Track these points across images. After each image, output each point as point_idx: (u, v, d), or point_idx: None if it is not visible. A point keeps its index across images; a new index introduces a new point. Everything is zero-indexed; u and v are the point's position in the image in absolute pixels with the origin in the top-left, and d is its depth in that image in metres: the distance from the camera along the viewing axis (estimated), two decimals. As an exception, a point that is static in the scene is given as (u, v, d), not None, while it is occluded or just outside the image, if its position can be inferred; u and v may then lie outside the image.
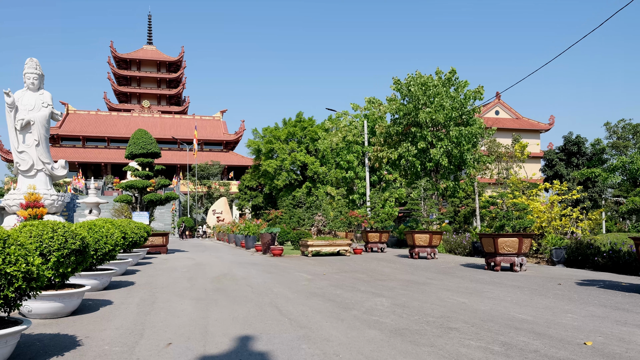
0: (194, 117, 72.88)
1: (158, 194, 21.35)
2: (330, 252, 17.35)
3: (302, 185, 43.48)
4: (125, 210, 39.01)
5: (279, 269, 12.58)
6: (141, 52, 79.61)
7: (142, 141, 21.70)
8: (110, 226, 9.21)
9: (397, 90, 25.48)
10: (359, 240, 27.25)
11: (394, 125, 25.98)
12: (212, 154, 67.01)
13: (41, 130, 15.57)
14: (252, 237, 23.18)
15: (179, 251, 21.67)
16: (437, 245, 16.36)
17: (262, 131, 47.38)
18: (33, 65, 15.92)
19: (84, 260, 6.53)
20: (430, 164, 24.58)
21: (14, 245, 4.30)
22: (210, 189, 57.01)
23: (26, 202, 11.77)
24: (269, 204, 47.59)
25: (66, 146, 64.30)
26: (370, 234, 20.09)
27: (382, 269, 12.74)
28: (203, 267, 13.32)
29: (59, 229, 6.22)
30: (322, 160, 41.95)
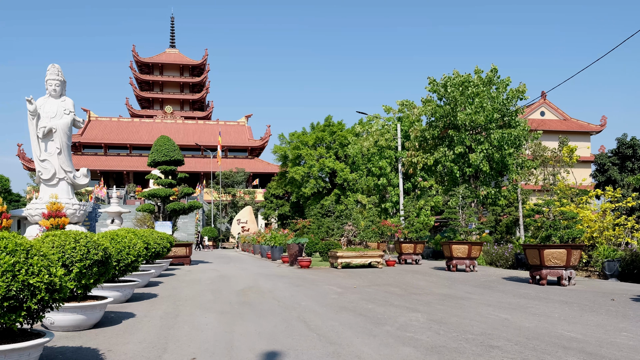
0: (217, 123, 73.91)
1: (181, 203, 21.72)
2: (361, 264, 17.32)
3: (331, 193, 43.48)
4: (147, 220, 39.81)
5: (307, 282, 12.61)
6: (164, 56, 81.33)
7: (165, 148, 22.14)
8: (133, 236, 9.43)
9: (433, 91, 25.29)
10: (391, 252, 27.10)
11: (430, 129, 25.77)
12: (236, 160, 67.77)
13: (63, 138, 16.06)
14: (279, 248, 23.27)
15: (202, 262, 21.96)
16: (476, 257, 16.13)
17: (289, 136, 47.67)
18: (55, 71, 16.47)
19: (106, 271, 6.71)
20: (469, 169, 24.28)
21: (36, 256, 4.45)
22: (235, 197, 57.60)
23: (48, 212, 12.15)
24: (296, 213, 47.75)
25: (88, 154, 66.07)
26: (404, 244, 19.98)
27: (417, 282, 12.64)
28: (228, 279, 13.46)
29: (81, 239, 6.41)
30: (352, 166, 41.87)
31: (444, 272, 15.88)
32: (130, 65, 78.53)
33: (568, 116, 49.07)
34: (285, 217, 49.52)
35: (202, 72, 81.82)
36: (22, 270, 4.22)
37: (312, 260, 18.76)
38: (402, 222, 24.36)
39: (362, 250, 17.39)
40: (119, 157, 66.23)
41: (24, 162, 60.29)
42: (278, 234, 24.91)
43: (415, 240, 20.54)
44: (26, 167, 60.30)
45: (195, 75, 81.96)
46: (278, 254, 23.07)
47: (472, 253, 15.89)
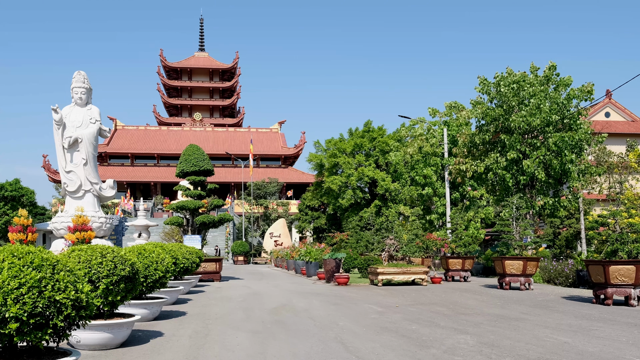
0: (249, 130, 74.86)
1: (211, 216, 22.07)
2: (404, 281, 17.24)
3: (371, 204, 43.36)
4: (175, 234, 40.54)
5: (345, 300, 12.60)
6: (192, 60, 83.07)
7: (194, 158, 22.58)
8: (161, 251, 9.65)
9: (484, 91, 24.98)
10: (437, 268, 26.79)
11: (480, 133, 25.44)
12: (269, 170, 68.39)
13: (89, 148, 16.61)
14: (314, 263, 23.34)
15: (233, 279, 22.20)
16: (532, 274, 15.86)
17: (325, 143, 47.86)
18: (81, 78, 17.07)
19: (133, 287, 6.88)
20: (523, 177, 23.83)
21: (63, 271, 4.62)
22: (267, 209, 58.06)
23: (74, 225, 12.56)
24: (333, 226, 47.78)
25: (114, 164, 67.93)
26: (451, 260, 19.81)
27: (466, 301, 12.50)
28: (260, 297, 13.58)
29: (108, 254, 6.61)
30: (393, 175, 41.69)
31: (496, 290, 15.65)
32: (158, 70, 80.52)
33: (637, 117, 47.54)
34: (321, 231, 49.61)
35: (233, 77, 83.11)
36: (48, 286, 4.39)
37: (350, 277, 18.76)
38: (449, 235, 24.06)
39: (405, 266, 17.33)
40: (146, 168, 67.81)
41: (49, 174, 62.42)
42: (313, 249, 24.98)
43: (463, 255, 20.31)
44: (51, 178, 62.39)
45: (226, 80, 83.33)
46: (313, 270, 23.13)
47: (527, 269, 15.62)
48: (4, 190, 37.28)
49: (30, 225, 12.01)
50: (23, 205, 37.51)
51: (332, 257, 19.10)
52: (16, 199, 37.94)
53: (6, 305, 4.17)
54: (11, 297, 4.18)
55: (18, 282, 4.24)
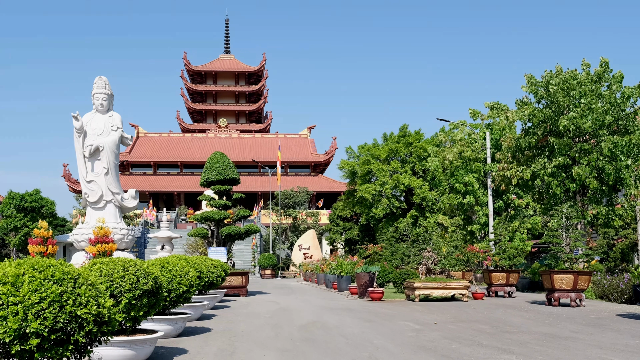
0: (277, 136, 75.37)
1: (237, 227, 22.28)
2: (443, 296, 17.16)
3: (407, 214, 43.12)
4: (200, 246, 41.04)
5: (379, 317, 12.57)
6: (217, 63, 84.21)
7: (219, 166, 22.86)
8: (185, 264, 9.79)
9: (531, 91, 24.63)
10: (479, 282, 26.47)
11: (526, 136, 25.09)
12: (298, 178, 68.68)
13: (110, 157, 16.97)
14: (346, 277, 23.32)
15: (260, 293, 22.33)
16: (584, 289, 15.59)
17: (358, 149, 47.84)
18: (102, 84, 17.47)
19: (156, 302, 7.00)
20: (573, 184, 23.40)
21: (84, 285, 4.74)
22: (296, 220, 58.26)
23: (95, 237, 12.84)
24: (366, 238, 47.64)
25: (136, 173, 69.18)
26: (495, 274, 19.67)
27: (511, 318, 12.36)
28: (289, 313, 13.63)
29: (130, 267, 6.74)
30: (431, 182, 41.41)
31: (544, 306, 15.45)
32: (181, 74, 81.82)
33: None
34: (354, 242, 49.51)
35: (260, 80, 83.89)
36: (69, 301, 4.51)
37: (384, 292, 18.74)
38: (491, 247, 23.77)
39: (444, 281, 17.25)
40: (169, 177, 68.86)
41: (69, 184, 63.91)
42: (345, 262, 24.96)
43: (508, 269, 20.10)
44: (72, 189, 63.85)
45: (252, 84, 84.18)
46: (345, 285, 23.11)
47: (578, 284, 15.37)
48: (24, 201, 38.36)
49: (51, 237, 12.32)
50: (43, 217, 38.51)
51: (365, 270, 19.07)
52: (36, 210, 38.99)
53: (27, 320, 4.29)
54: (32, 312, 4.30)
55: (39, 296, 4.37)
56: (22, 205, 38.39)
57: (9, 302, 4.29)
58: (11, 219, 38.31)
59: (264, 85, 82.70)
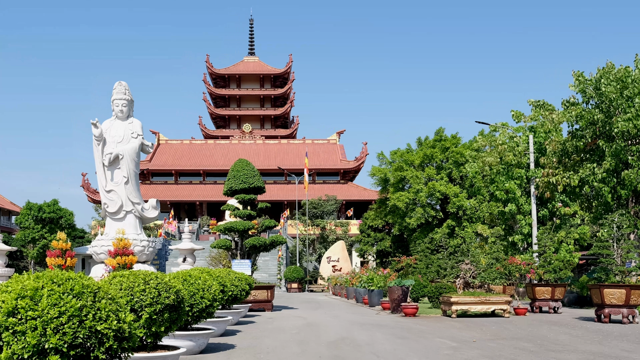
0: (304, 142, 75.66)
1: (262, 238, 22.44)
2: (482, 311, 17.08)
3: (443, 223, 42.82)
4: (223, 258, 41.31)
5: (413, 333, 12.53)
6: (241, 66, 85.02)
7: (243, 174, 23.07)
8: (207, 277, 9.92)
9: (579, 90, 24.29)
10: (521, 297, 26.18)
11: (573, 139, 24.76)
12: (326, 186, 68.78)
13: (130, 165, 17.29)
14: (378, 291, 23.30)
15: (286, 308, 22.42)
16: (637, 305, 15.39)
17: (390, 155, 47.73)
18: (122, 89, 17.84)
19: (178, 317, 7.12)
20: (624, 191, 23.01)
21: (104, 299, 4.87)
22: (324, 230, 58.31)
23: (114, 250, 13.09)
24: (399, 249, 47.43)
25: (157, 182, 70.12)
26: (539, 288, 19.58)
27: (556, 335, 12.25)
28: (316, 329, 13.68)
29: (151, 280, 6.88)
30: (469, 190, 41.11)
31: (593, 323, 15.26)
32: (204, 78, 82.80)
33: None
34: (386, 254, 49.32)
35: (286, 82, 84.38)
36: (89, 316, 4.64)
37: (419, 307, 18.69)
38: (535, 259, 23.52)
39: (483, 295, 17.20)
40: (191, 186, 69.62)
41: (88, 194, 65.08)
42: (377, 275, 24.93)
43: (553, 282, 19.93)
44: (91, 199, 65.02)
45: (278, 87, 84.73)
46: (377, 299, 23.09)
47: (631, 299, 15.16)
48: (42, 212, 39.18)
49: (69, 249, 12.60)
50: (61, 228, 39.24)
51: (398, 284, 19.08)
52: (54, 221, 39.77)
53: (46, 335, 4.42)
54: (51, 327, 4.43)
55: (58, 310, 4.49)
56: (40, 216, 39.20)
57: (27, 316, 4.42)
58: (29, 231, 39.14)
59: (290, 89, 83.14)
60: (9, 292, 4.59)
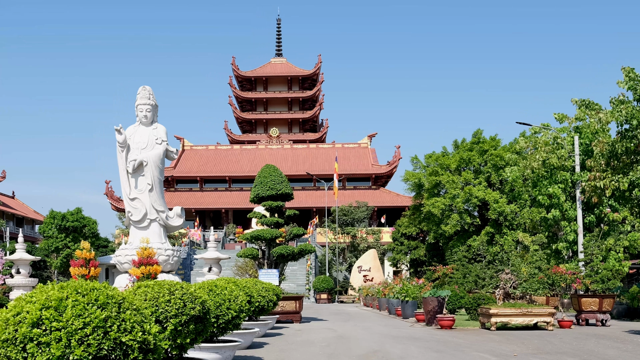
0: (333, 146, 75.79)
1: (290, 247, 22.55)
2: (523, 324, 16.95)
3: (481, 231, 42.47)
4: (250, 268, 41.64)
5: (450, 347, 12.48)
6: (268, 67, 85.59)
7: (270, 180, 23.23)
8: (234, 287, 10.04)
9: (629, 87, 23.91)
10: (566, 309, 25.85)
11: (623, 140, 24.35)
12: (357, 192, 68.75)
13: (155, 172, 17.55)
14: (412, 302, 23.25)
15: (315, 320, 22.47)
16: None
17: (425, 159, 47.53)
18: (146, 94, 18.13)
19: (204, 329, 7.23)
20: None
21: (129, 310, 4.98)
22: (355, 238, 58.26)
23: (138, 259, 13.30)
24: (434, 258, 47.15)
25: (181, 190, 70.92)
26: (585, 299, 19.37)
27: (604, 350, 12.09)
28: (347, 341, 13.70)
29: (177, 290, 7.00)
30: (509, 195, 40.74)
31: (643, 337, 15.00)
32: (230, 81, 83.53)
33: None
34: (420, 263, 49.07)
35: (315, 84, 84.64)
36: (114, 327, 4.76)
37: (455, 319, 18.59)
38: (581, 268, 23.25)
39: (525, 307, 17.08)
40: (217, 193, 70.23)
41: (112, 202, 66.15)
42: (410, 285, 24.86)
43: (600, 293, 19.67)
44: (115, 207, 66.05)
45: (306, 89, 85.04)
46: (411, 311, 23.03)
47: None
48: (66, 220, 39.94)
49: (93, 259, 12.85)
50: (85, 237, 39.95)
51: (433, 295, 19.02)
52: (78, 230, 40.50)
53: (70, 346, 4.54)
54: (75, 338, 4.55)
55: (82, 321, 4.62)
56: (64, 225, 39.96)
57: (52, 327, 4.55)
58: (53, 240, 39.93)
59: (319, 90, 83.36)
60: (33, 302, 4.73)
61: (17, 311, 4.68)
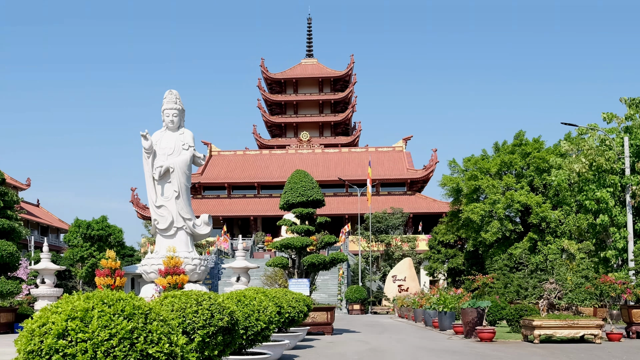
0: (366, 149, 75.75)
1: (321, 255, 22.60)
2: (569, 337, 16.82)
3: (523, 238, 42.02)
4: (279, 277, 41.74)
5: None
6: (298, 69, 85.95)
7: (301, 186, 23.33)
8: (263, 298, 10.12)
9: None
10: (615, 320, 25.46)
11: None
12: (391, 198, 68.60)
13: (181, 179, 17.76)
14: (449, 313, 23.14)
15: (347, 331, 22.47)
16: None
17: (463, 163, 47.24)
18: (172, 98, 18.37)
19: (232, 340, 7.32)
20: None
21: (156, 321, 5.07)
22: (390, 246, 58.07)
23: (165, 269, 13.47)
24: (473, 267, 46.76)
25: (209, 197, 71.53)
26: (636, 310, 19.13)
27: (654, 365, 11.86)
28: (380, 355, 13.69)
29: (204, 301, 7.09)
30: (554, 200, 40.28)
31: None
32: (258, 84, 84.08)
33: None
34: (458, 273, 48.72)
35: (347, 86, 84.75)
36: (140, 338, 4.84)
37: (496, 331, 18.48)
38: (631, 277, 22.91)
39: (571, 318, 16.96)
40: (245, 200, 70.68)
41: (138, 210, 67.06)
42: (448, 295, 24.73)
43: (653, 304, 19.34)
44: (140, 215, 66.95)
45: (338, 90, 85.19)
46: (448, 322, 22.92)
47: None
48: (91, 229, 40.59)
49: (119, 269, 13.07)
50: (110, 246, 40.54)
51: (472, 305, 18.94)
52: (103, 239, 41.13)
53: (96, 358, 4.64)
54: (101, 350, 4.65)
55: (108, 332, 4.72)
56: (89, 234, 40.60)
57: (78, 338, 4.66)
58: (77, 249, 40.59)
59: (351, 92, 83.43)
60: (58, 313, 4.84)
61: (42, 322, 4.79)
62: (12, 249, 25.36)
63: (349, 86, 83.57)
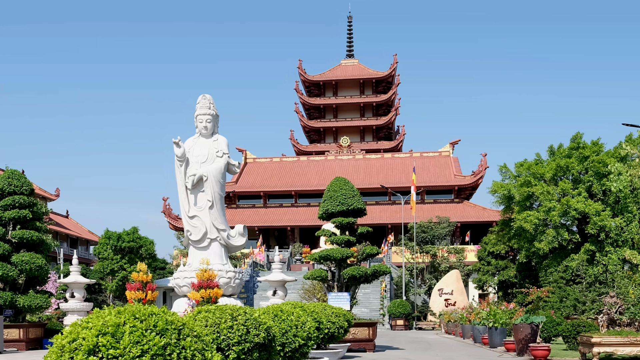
0: (411, 155, 75.38)
1: (362, 268, 22.57)
2: (632, 355, 16.55)
3: (580, 248, 41.36)
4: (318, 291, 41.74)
5: (544, 382, 12.22)
6: (338, 70, 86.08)
7: (341, 194, 23.36)
8: (301, 312, 10.16)
9: None
10: (682, 338, 24.96)
11: None
12: (437, 206, 68.14)
13: (215, 188, 17.97)
14: (500, 329, 22.93)
15: (390, 348, 22.37)
16: None
17: (515, 168, 46.73)
18: (206, 103, 18.61)
19: (268, 357, 7.38)
20: None
21: (189, 337, 5.16)
22: (435, 258, 57.67)
23: (198, 282, 13.64)
24: (526, 280, 46.13)
25: (244, 206, 71.99)
26: None
27: None
28: (428, 375, 13.60)
29: (239, 316, 7.17)
30: (614, 207, 39.53)
31: None
32: (296, 87, 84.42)
33: None
34: (510, 285, 48.14)
35: (390, 87, 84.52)
36: (173, 355, 4.93)
37: (551, 348, 18.25)
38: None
39: (633, 335, 16.63)
40: (282, 209, 70.94)
41: (170, 220, 67.86)
42: (499, 310, 24.50)
43: None
44: (173, 226, 67.73)
45: (380, 92, 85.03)
46: (499, 339, 22.72)
47: None
48: (121, 240, 41.18)
49: (150, 282, 13.27)
50: (142, 258, 41.04)
51: (525, 321, 18.79)
52: (134, 251, 41.69)
53: (127, 375, 4.74)
54: (133, 366, 4.75)
55: (140, 348, 4.81)
56: (120, 246, 41.16)
57: (109, 354, 4.75)
58: (108, 262, 41.20)
59: (395, 94, 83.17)
60: (89, 328, 4.94)
61: (72, 337, 4.90)
62: (41, 262, 25.81)
63: (392, 87, 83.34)
